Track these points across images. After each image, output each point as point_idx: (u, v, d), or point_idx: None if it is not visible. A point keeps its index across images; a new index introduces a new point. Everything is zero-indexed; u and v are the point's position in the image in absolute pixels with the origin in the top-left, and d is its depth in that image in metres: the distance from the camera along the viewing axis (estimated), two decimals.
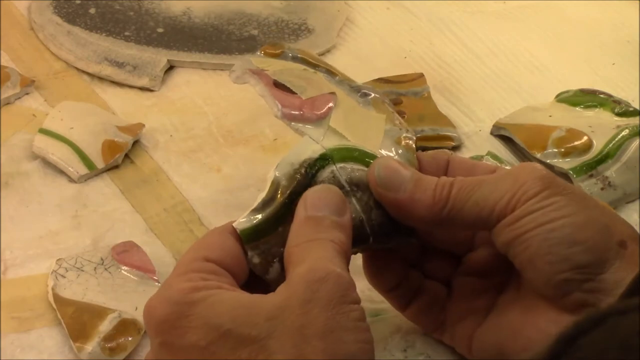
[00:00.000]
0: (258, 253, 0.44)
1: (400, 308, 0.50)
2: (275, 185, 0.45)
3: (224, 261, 0.44)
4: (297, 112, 0.48)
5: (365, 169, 0.46)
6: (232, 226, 0.45)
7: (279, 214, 0.45)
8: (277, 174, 0.46)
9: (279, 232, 0.44)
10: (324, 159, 0.46)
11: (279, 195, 0.45)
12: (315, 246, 0.42)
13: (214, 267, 0.43)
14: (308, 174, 0.46)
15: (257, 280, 0.44)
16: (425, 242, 0.49)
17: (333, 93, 0.49)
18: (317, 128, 0.48)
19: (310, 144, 0.47)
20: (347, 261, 0.43)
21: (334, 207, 0.44)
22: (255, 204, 0.45)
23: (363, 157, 0.47)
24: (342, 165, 0.46)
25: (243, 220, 0.45)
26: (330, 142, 0.47)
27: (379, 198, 0.45)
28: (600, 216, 0.43)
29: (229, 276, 0.43)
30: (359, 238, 0.45)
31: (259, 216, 0.45)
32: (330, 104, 0.48)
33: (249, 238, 0.44)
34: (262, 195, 0.45)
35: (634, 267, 0.41)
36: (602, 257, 0.42)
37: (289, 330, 0.39)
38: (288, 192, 0.45)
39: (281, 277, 0.44)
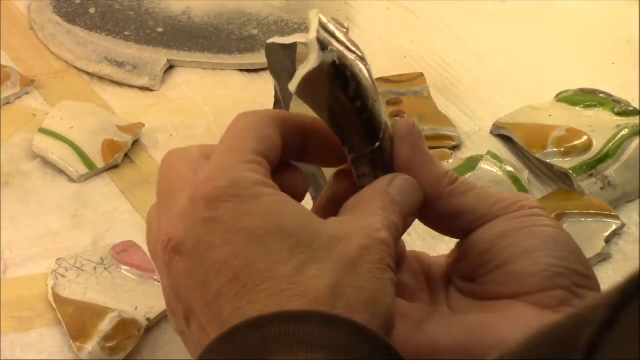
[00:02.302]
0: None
1: None
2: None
3: (268, 157, 0.43)
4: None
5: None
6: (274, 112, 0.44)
7: None
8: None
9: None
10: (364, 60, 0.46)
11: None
12: (380, 217, 0.42)
13: (268, 167, 0.42)
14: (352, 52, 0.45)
15: None
16: None
17: None
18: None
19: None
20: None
21: (412, 205, 0.44)
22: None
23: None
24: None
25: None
26: None
27: (404, 133, 0.45)
28: None
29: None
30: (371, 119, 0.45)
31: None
32: None
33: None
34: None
35: None
36: (593, 277, 0.43)
37: (344, 261, 0.39)
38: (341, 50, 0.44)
39: None
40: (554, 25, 0.85)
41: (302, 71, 0.43)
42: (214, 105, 0.73)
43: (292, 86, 0.43)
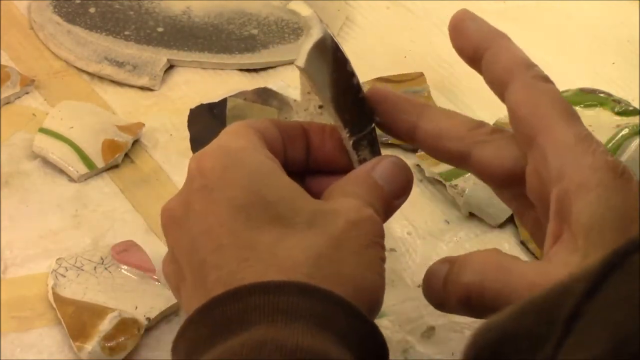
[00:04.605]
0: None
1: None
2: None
3: (271, 142, 0.44)
4: None
5: None
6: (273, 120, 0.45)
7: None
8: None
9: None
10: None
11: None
12: (363, 203, 0.43)
13: (261, 137, 0.44)
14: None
15: None
16: None
17: None
18: None
19: None
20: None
21: (397, 188, 0.45)
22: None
23: None
24: None
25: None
26: None
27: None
28: None
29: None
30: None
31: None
32: None
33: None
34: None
35: None
36: None
37: (328, 234, 0.40)
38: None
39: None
40: (554, 25, 0.85)
41: (307, 44, 0.43)
42: None
43: (300, 61, 0.43)
